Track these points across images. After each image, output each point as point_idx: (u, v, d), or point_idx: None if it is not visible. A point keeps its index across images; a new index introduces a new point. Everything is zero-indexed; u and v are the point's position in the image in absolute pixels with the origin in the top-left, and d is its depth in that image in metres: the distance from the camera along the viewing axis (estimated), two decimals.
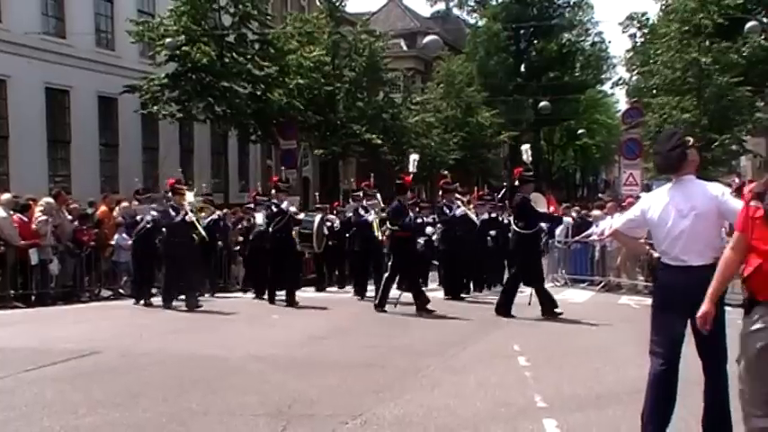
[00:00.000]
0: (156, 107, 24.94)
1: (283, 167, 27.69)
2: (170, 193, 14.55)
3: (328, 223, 18.08)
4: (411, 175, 15.81)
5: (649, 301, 16.39)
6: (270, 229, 14.81)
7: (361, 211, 16.34)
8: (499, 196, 19.19)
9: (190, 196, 14.79)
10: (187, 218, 14.08)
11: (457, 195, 16.79)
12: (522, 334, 11.22)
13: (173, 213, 14.05)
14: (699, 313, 4.84)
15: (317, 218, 15.82)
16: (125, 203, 18.17)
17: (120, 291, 17.31)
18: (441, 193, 17.21)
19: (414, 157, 18.43)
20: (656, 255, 6.04)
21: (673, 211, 5.71)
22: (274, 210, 14.74)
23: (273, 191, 15.36)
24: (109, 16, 27.03)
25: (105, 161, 26.70)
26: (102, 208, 18.62)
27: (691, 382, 5.81)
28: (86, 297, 16.53)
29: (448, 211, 16.21)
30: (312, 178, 38.47)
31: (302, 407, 6.95)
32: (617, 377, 8.25)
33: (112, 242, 17.40)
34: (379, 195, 16.41)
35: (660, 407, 5.71)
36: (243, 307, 14.71)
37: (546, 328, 11.81)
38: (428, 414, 6.75)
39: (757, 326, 4.31)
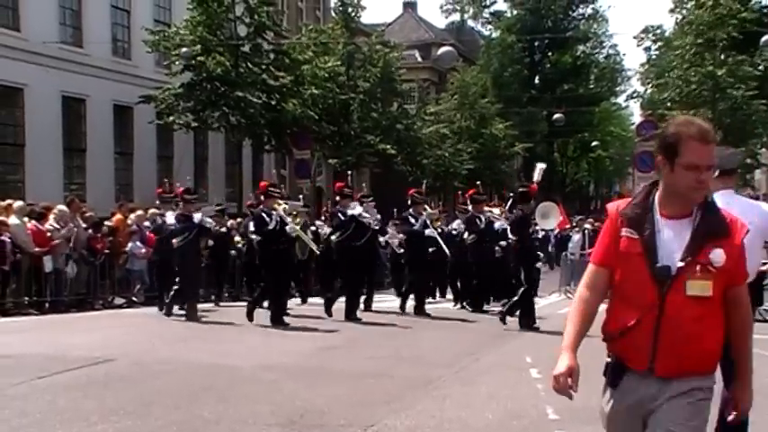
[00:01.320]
0: (171, 117, 25.03)
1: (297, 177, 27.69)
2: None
3: (313, 228, 17.94)
4: (536, 185, 15.02)
5: None
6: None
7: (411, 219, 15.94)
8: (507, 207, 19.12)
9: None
10: (289, 229, 13.54)
11: (488, 206, 16.77)
12: (534, 346, 11.19)
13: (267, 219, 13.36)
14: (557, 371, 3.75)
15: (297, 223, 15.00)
16: (140, 212, 18.25)
17: (134, 299, 17.37)
18: (470, 203, 16.76)
19: (541, 166, 17.00)
20: None
21: None
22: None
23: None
24: (126, 26, 27.17)
25: (120, 170, 26.80)
26: (117, 216, 18.70)
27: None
28: (100, 305, 16.57)
29: (478, 222, 15.99)
30: (326, 188, 38.52)
31: (313, 417, 6.95)
32: None
33: (126, 250, 17.46)
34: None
35: None
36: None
37: (559, 341, 11.75)
38: (440, 425, 6.75)
39: (628, 402, 3.53)
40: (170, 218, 14.38)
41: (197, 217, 14.18)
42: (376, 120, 33.39)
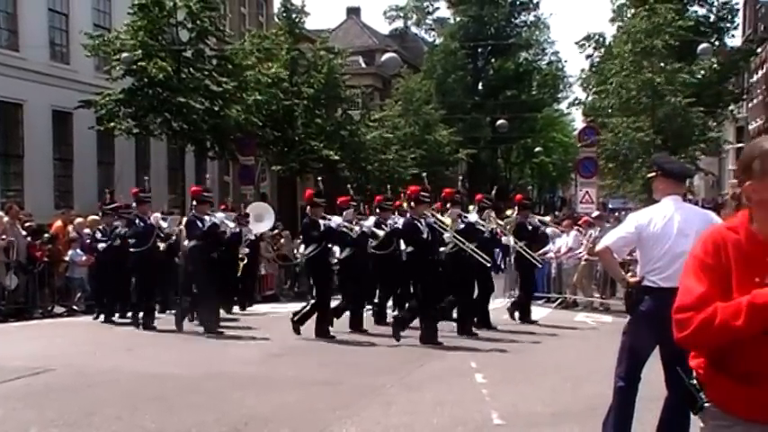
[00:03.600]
0: (112, 123, 24.68)
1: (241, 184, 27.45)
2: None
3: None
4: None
5: (606, 318, 16.61)
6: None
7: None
8: None
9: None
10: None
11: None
12: (479, 351, 11.26)
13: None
14: None
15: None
16: (80, 219, 17.97)
17: (75, 307, 17.10)
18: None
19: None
20: (633, 279, 6.02)
21: (675, 228, 5.70)
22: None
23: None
24: (64, 30, 26.71)
25: (59, 176, 26.33)
26: (57, 223, 18.38)
27: (645, 399, 5.90)
28: (39, 314, 16.26)
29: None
30: (270, 194, 38.34)
31: (258, 425, 6.91)
32: (573, 394, 8.32)
33: (66, 258, 17.18)
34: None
35: (628, 425, 5.80)
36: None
37: (503, 346, 11.86)
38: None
39: None
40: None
41: (219, 216, 13.78)
42: (320, 126, 33.34)
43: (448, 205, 13.45)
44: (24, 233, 16.46)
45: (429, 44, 61.36)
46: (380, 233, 13.72)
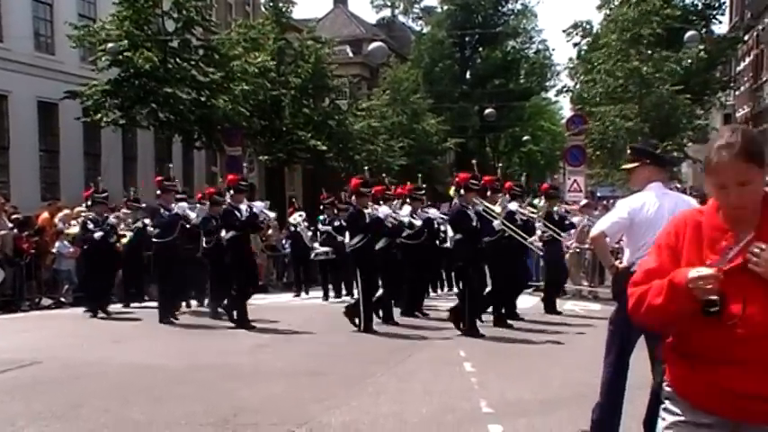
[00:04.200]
0: (98, 115, 24.53)
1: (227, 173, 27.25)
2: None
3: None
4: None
5: (594, 306, 16.64)
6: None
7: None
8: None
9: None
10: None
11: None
12: (468, 340, 11.26)
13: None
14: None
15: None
16: (67, 210, 17.86)
17: (62, 299, 17.01)
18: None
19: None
20: (622, 266, 6.04)
21: (666, 213, 5.71)
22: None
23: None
24: (48, 20, 26.54)
25: (45, 167, 26.20)
26: (44, 215, 18.27)
27: (634, 387, 5.92)
28: (27, 306, 16.19)
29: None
30: (258, 185, 38.26)
31: (247, 416, 6.89)
32: (562, 382, 8.33)
33: (54, 250, 17.08)
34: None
35: (617, 413, 5.83)
36: (186, 316, 14.47)
37: (492, 334, 11.87)
38: (375, 421, 6.74)
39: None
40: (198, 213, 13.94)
41: (258, 206, 13.37)
42: (308, 115, 33.25)
43: (488, 193, 13.28)
44: (11, 225, 16.36)
45: (416, 33, 61.18)
46: (418, 223, 13.68)
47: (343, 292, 18.20)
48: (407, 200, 14.63)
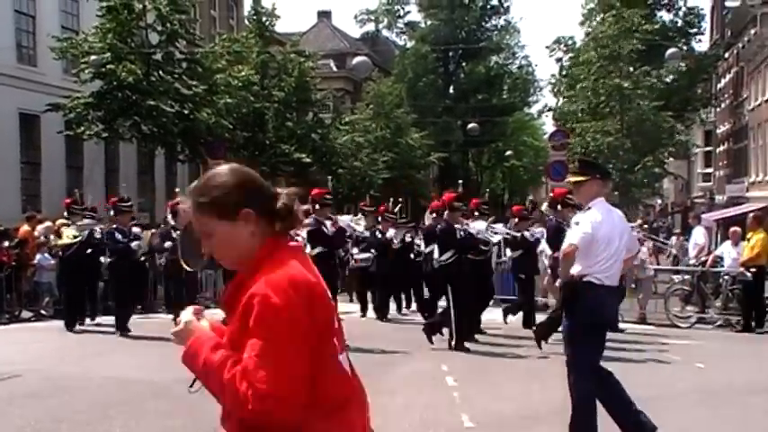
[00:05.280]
0: (81, 128, 24.43)
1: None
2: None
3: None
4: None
5: None
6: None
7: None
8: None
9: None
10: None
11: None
12: (450, 355, 11.27)
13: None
14: None
15: None
16: (48, 223, 17.76)
17: (43, 312, 16.90)
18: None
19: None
20: (574, 274, 6.18)
21: (617, 230, 6.00)
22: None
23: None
24: (31, 32, 26.47)
25: (27, 180, 26.07)
26: (25, 227, 18.18)
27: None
28: (6, 319, 16.07)
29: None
30: None
31: None
32: (543, 397, 8.35)
33: (34, 262, 16.98)
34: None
35: (595, 422, 5.95)
36: (165, 328, 14.38)
37: (474, 349, 11.88)
38: None
39: None
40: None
41: (343, 220, 13.15)
42: (291, 129, 33.31)
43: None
44: None
45: (400, 48, 61.44)
46: (495, 239, 13.54)
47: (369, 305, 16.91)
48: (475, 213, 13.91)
